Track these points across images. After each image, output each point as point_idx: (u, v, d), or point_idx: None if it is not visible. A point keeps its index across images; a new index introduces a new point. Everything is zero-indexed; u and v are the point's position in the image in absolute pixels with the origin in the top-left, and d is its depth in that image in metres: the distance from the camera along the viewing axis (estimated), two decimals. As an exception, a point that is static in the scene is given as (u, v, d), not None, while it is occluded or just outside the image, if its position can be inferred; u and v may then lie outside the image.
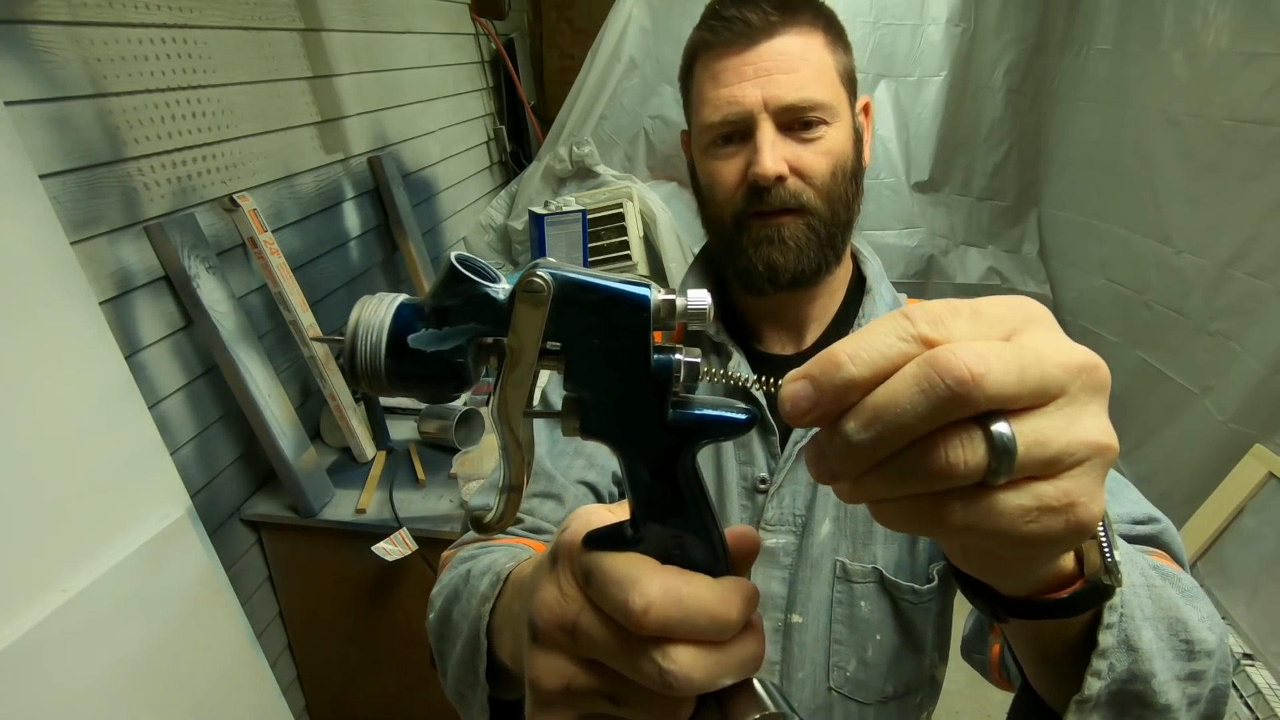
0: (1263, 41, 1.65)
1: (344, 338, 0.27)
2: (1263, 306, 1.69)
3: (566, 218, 1.91)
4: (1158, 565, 0.43)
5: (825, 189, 0.64)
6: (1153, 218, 2.04)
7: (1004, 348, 0.23)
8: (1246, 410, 1.72)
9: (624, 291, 0.26)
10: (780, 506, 0.67)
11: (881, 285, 0.73)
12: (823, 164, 0.64)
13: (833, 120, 0.64)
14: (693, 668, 0.25)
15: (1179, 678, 0.37)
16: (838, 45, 0.66)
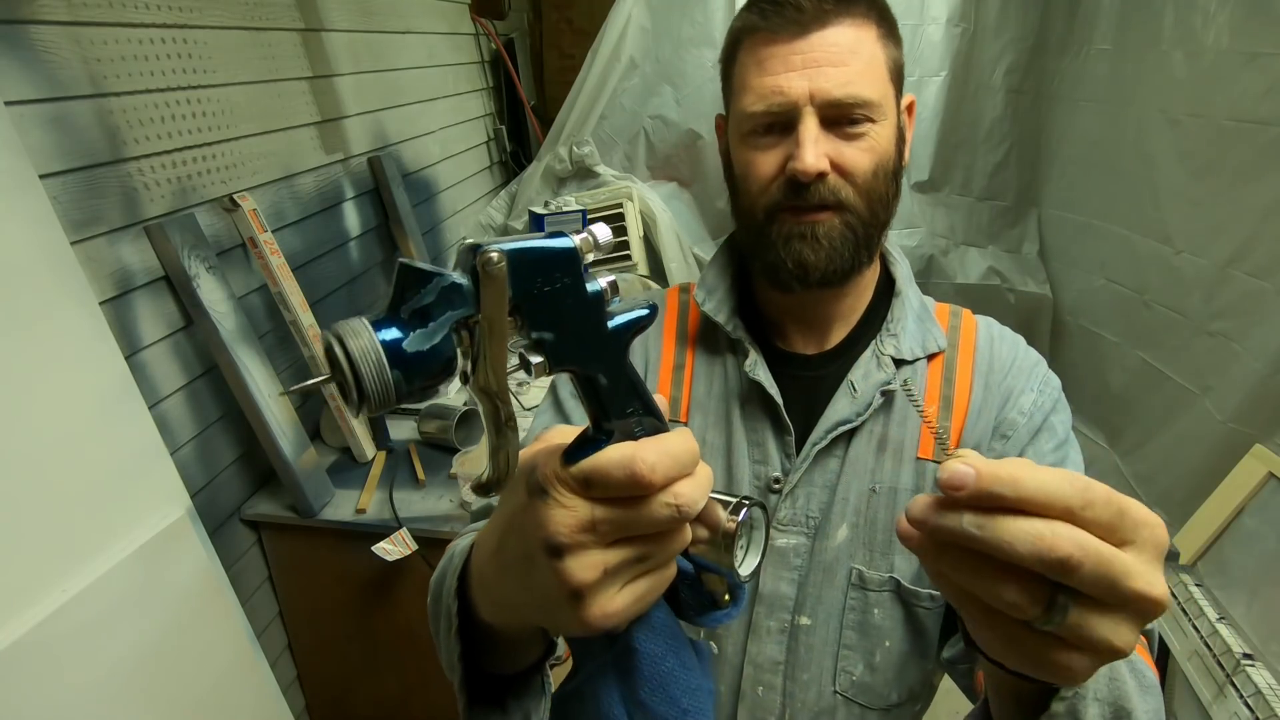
0: (1263, 41, 1.65)
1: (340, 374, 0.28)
2: (1263, 306, 1.69)
3: (566, 218, 1.91)
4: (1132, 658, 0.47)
5: (866, 187, 0.62)
6: (1153, 218, 2.04)
7: (1111, 557, 0.28)
8: (1246, 410, 1.72)
9: (554, 246, 0.31)
10: (794, 507, 0.66)
11: (910, 289, 0.71)
12: (865, 162, 0.61)
13: (879, 119, 0.61)
14: (692, 493, 0.33)
15: None
16: (890, 39, 0.62)
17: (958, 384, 0.68)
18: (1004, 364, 0.69)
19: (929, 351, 0.68)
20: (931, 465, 0.66)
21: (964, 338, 0.70)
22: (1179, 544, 1.47)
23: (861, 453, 0.66)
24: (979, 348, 0.69)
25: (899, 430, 0.67)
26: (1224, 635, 1.22)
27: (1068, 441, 0.67)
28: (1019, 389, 0.68)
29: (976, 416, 0.67)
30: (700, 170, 2.43)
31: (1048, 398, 0.68)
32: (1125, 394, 2.22)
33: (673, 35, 2.30)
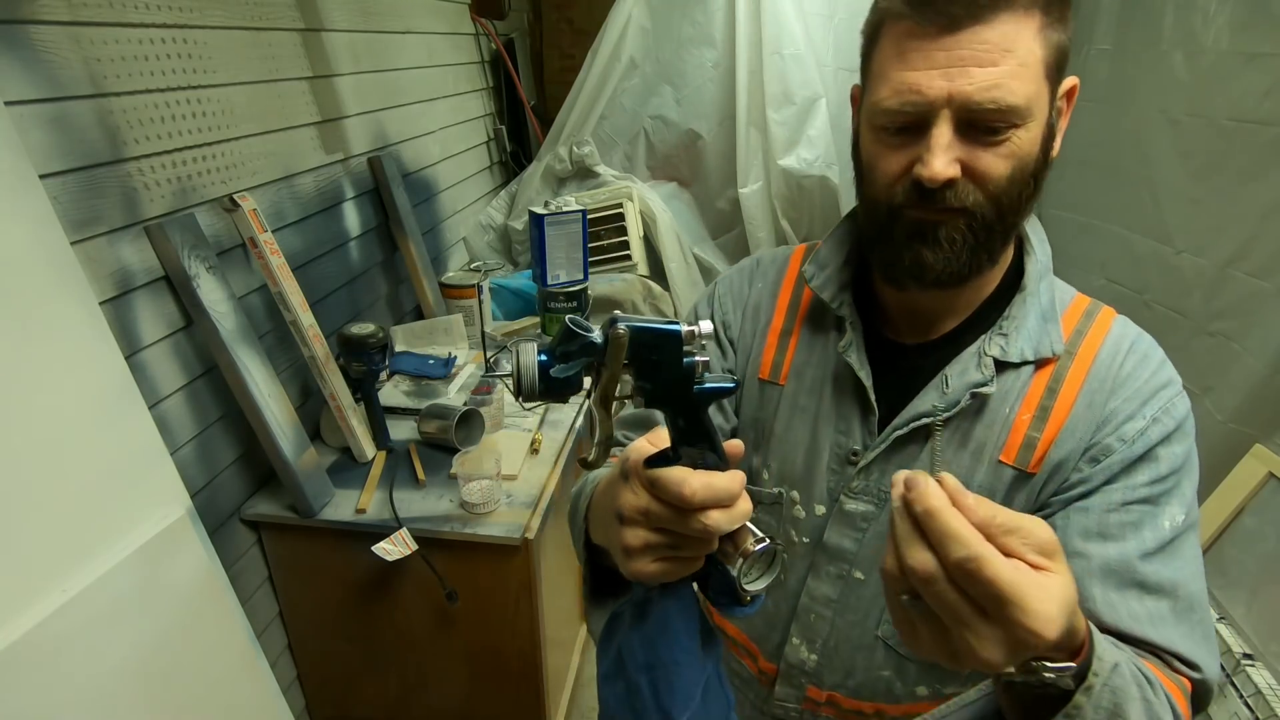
0: (1263, 41, 1.65)
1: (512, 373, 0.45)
2: (1263, 306, 1.69)
3: (566, 218, 1.91)
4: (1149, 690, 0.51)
5: (998, 192, 0.58)
6: (1153, 218, 2.04)
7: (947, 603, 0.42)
8: (1246, 410, 1.72)
9: (666, 329, 0.45)
10: (867, 479, 0.70)
11: (1041, 285, 0.67)
12: (1002, 168, 0.57)
13: (1024, 122, 0.56)
14: (719, 521, 0.44)
15: None
16: (1056, 25, 0.57)
17: (1061, 395, 0.64)
18: (1119, 381, 0.64)
19: (1040, 356, 0.65)
20: (1011, 470, 0.65)
21: (1086, 345, 0.66)
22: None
23: (943, 447, 0.67)
24: (1099, 359, 0.65)
25: (985, 431, 0.66)
26: (1224, 635, 1.22)
27: (1173, 477, 0.61)
28: (1127, 413, 0.63)
29: (1069, 433, 0.64)
30: (700, 170, 2.43)
31: (1162, 427, 0.63)
32: (1125, 394, 2.22)
33: (673, 35, 2.30)
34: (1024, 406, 0.65)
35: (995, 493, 0.66)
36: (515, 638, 1.40)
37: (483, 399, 1.57)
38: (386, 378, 1.77)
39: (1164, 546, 0.59)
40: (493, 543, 1.28)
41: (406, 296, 2.00)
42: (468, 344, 1.92)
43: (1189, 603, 0.58)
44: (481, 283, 1.96)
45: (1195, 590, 0.59)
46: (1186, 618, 0.58)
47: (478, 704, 1.51)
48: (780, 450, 0.75)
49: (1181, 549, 0.60)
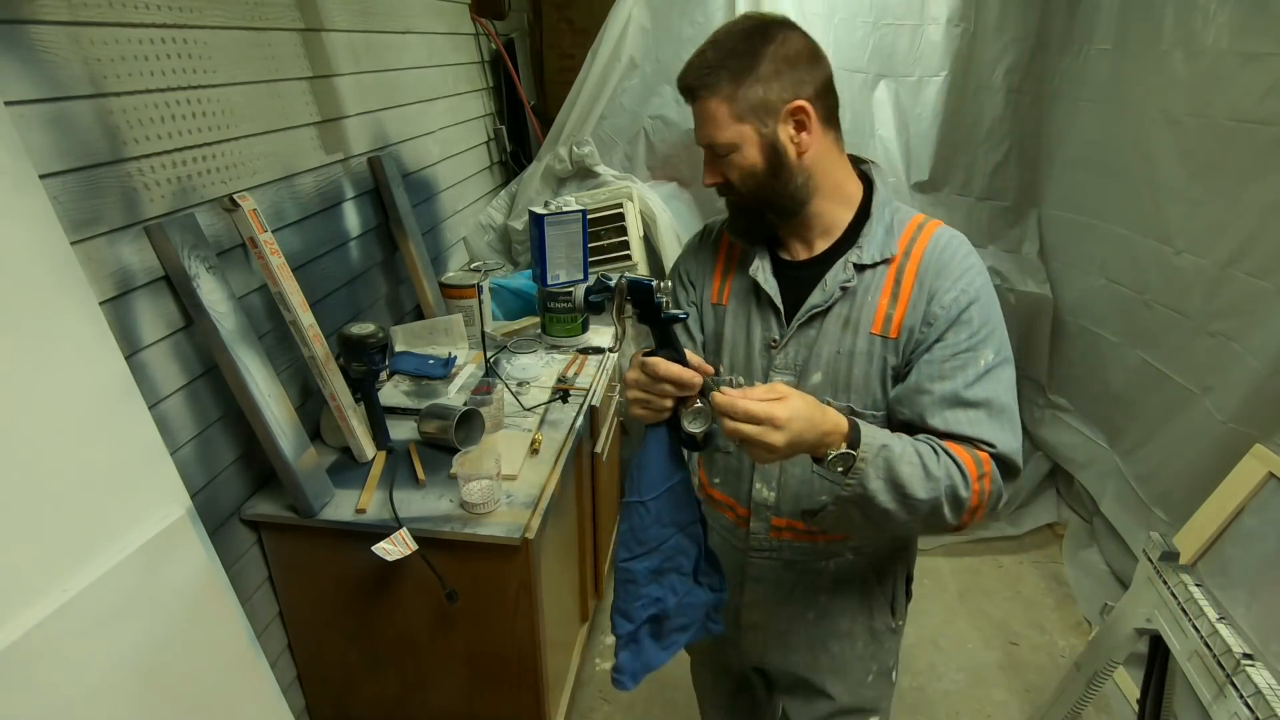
0: (1263, 41, 1.65)
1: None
2: (1263, 306, 1.69)
3: (566, 218, 1.91)
4: (927, 450, 0.85)
5: (743, 188, 0.94)
6: (1153, 218, 2.04)
7: (742, 431, 0.80)
8: (1246, 410, 1.72)
9: (644, 282, 0.85)
10: (785, 358, 0.98)
11: (884, 212, 0.95)
12: (734, 174, 0.94)
13: (735, 149, 0.92)
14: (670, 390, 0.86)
15: (891, 504, 0.83)
16: (738, 96, 0.88)
17: (904, 282, 0.92)
18: (938, 269, 0.91)
19: (885, 257, 0.93)
20: (878, 338, 0.93)
21: (916, 247, 0.93)
22: (1179, 544, 1.47)
23: (831, 327, 0.95)
24: (925, 255, 0.92)
25: (856, 313, 0.94)
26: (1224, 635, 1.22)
27: (983, 330, 0.89)
28: (944, 288, 0.90)
29: (913, 307, 0.91)
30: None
31: (967, 297, 0.89)
32: (1125, 394, 2.22)
33: (673, 35, 2.30)
34: (881, 293, 0.93)
35: (872, 355, 0.94)
36: (515, 638, 1.40)
37: (483, 399, 1.57)
38: (386, 378, 1.77)
39: (980, 378, 0.88)
40: (493, 543, 1.28)
41: (406, 296, 2.00)
42: (468, 344, 1.92)
43: (998, 410, 0.88)
44: (481, 283, 1.96)
45: (1005, 402, 0.89)
46: (996, 419, 0.88)
47: (477, 704, 1.51)
48: (728, 349, 1.04)
49: (995, 377, 0.89)
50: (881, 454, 0.82)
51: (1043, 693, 1.96)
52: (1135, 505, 2.13)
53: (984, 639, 2.19)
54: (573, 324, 2.01)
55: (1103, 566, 2.33)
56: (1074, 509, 2.62)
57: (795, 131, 0.89)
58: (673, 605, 0.97)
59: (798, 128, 0.89)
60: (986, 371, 0.88)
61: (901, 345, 0.92)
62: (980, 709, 1.96)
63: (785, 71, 0.87)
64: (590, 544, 1.97)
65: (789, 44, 0.88)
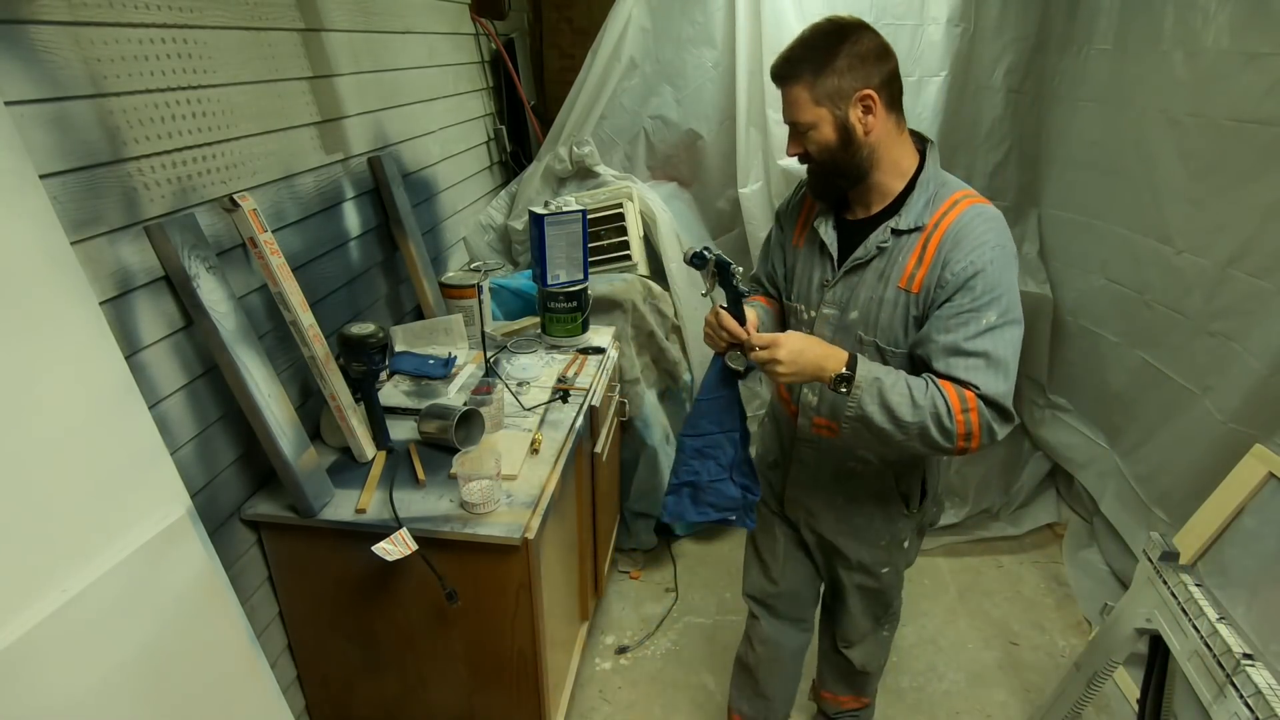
0: (1263, 41, 1.65)
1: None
2: (1263, 306, 1.69)
3: (566, 218, 1.91)
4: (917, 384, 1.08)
5: (819, 157, 1.14)
6: (1153, 218, 2.04)
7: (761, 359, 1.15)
8: (1246, 410, 1.72)
9: (725, 260, 1.16)
10: (833, 295, 1.23)
11: (929, 186, 1.13)
12: (812, 147, 1.13)
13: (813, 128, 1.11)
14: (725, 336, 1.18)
15: (886, 424, 1.08)
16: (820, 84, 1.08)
17: (929, 249, 1.11)
18: (956, 241, 1.09)
19: (919, 225, 1.12)
20: (903, 291, 1.14)
21: (945, 221, 1.11)
22: (1179, 544, 1.47)
23: (869, 277, 1.18)
24: (950, 228, 1.10)
25: (889, 268, 1.15)
26: (1224, 635, 1.22)
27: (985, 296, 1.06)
28: (955, 258, 1.08)
29: (932, 270, 1.10)
30: (700, 170, 2.43)
31: (974, 267, 1.06)
32: (1125, 394, 2.22)
33: (673, 35, 2.30)
34: (911, 255, 1.13)
35: (896, 304, 1.15)
36: (515, 638, 1.40)
37: (483, 399, 1.57)
38: (386, 378, 1.77)
39: (981, 334, 1.07)
40: (493, 543, 1.28)
41: (406, 296, 2.00)
42: (468, 344, 1.92)
43: (993, 362, 1.06)
44: (481, 283, 1.96)
45: (1000, 356, 1.07)
46: (991, 368, 1.06)
47: (477, 704, 1.51)
48: (797, 282, 1.31)
49: (998, 335, 1.07)
50: (875, 384, 1.09)
51: (1043, 693, 1.96)
52: (1135, 505, 2.13)
53: (984, 639, 2.19)
54: (573, 324, 2.01)
55: (1103, 566, 2.33)
56: (1074, 509, 2.61)
57: (863, 114, 1.09)
58: (705, 481, 1.32)
59: (865, 111, 1.09)
60: (986, 330, 1.07)
61: (921, 299, 1.12)
62: (980, 709, 1.96)
63: (857, 66, 1.07)
64: (590, 544, 1.97)
65: (862, 43, 1.08)
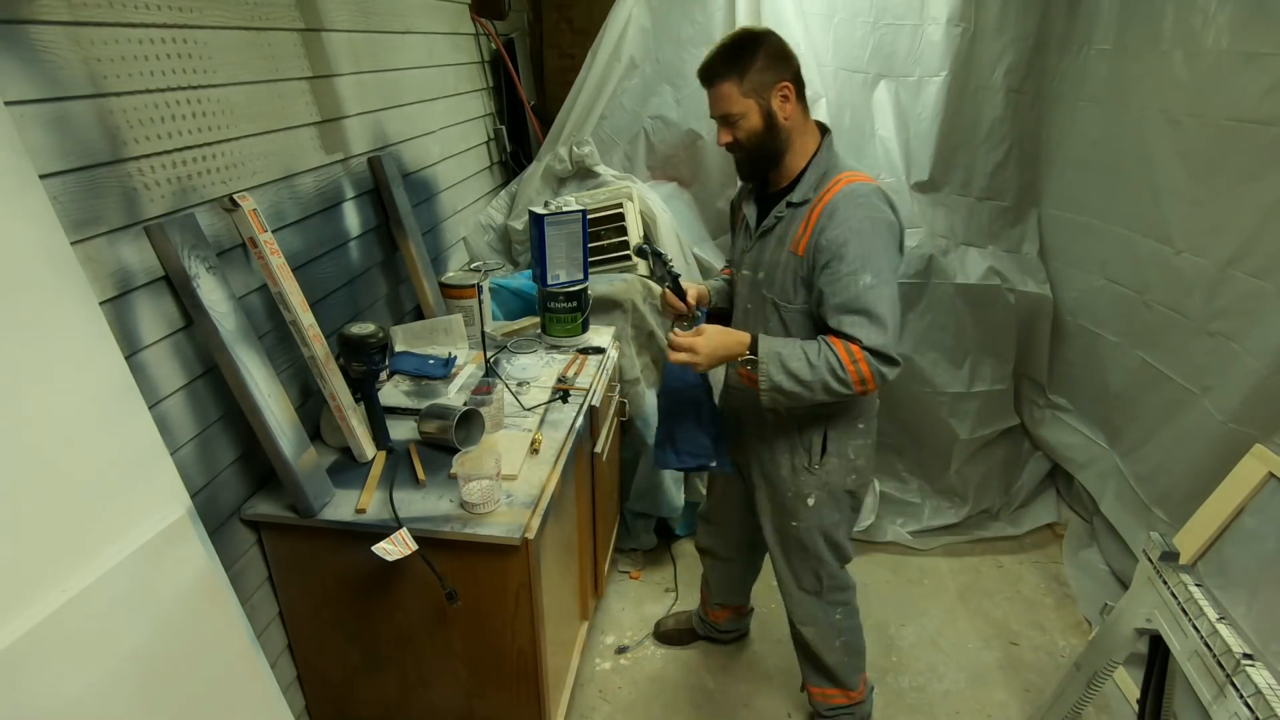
0: (1263, 41, 1.65)
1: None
2: (1263, 306, 1.69)
3: (566, 218, 1.91)
4: (812, 347, 1.29)
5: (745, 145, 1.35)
6: (1153, 218, 2.04)
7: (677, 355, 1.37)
8: (1246, 410, 1.72)
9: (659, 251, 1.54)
10: (750, 258, 1.47)
11: (820, 166, 1.35)
12: (741, 134, 1.34)
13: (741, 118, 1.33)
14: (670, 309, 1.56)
15: (794, 386, 1.30)
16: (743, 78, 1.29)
17: (812, 219, 1.32)
18: (829, 212, 1.29)
19: (805, 200, 1.35)
20: (795, 255, 1.35)
21: (826, 195, 1.31)
22: (1179, 544, 1.47)
23: (772, 242, 1.41)
24: (828, 202, 1.30)
25: (785, 234, 1.38)
26: (1224, 635, 1.22)
27: (858, 261, 1.26)
28: (828, 228, 1.28)
29: (812, 237, 1.31)
30: (700, 170, 2.43)
31: (843, 236, 1.26)
32: (1125, 394, 2.22)
33: (673, 35, 2.30)
34: (801, 224, 1.34)
35: (789, 266, 1.36)
36: (515, 638, 1.40)
37: (483, 399, 1.57)
38: (386, 378, 1.77)
39: (861, 294, 1.26)
40: (493, 543, 1.28)
41: (406, 296, 2.00)
42: (468, 344, 1.92)
43: (874, 317, 1.26)
44: (481, 283, 1.96)
45: (877, 311, 1.26)
46: (873, 323, 1.26)
47: (477, 704, 1.51)
48: (735, 251, 1.58)
49: (875, 293, 1.26)
50: (776, 357, 1.30)
51: (1043, 693, 1.96)
52: (1135, 505, 2.13)
53: (984, 639, 2.19)
54: (573, 324, 2.01)
55: (1103, 566, 2.33)
56: (1074, 509, 2.62)
57: (781, 102, 1.30)
58: (679, 434, 1.58)
59: (783, 100, 1.30)
60: (863, 290, 1.26)
61: (805, 262, 1.33)
62: (980, 709, 1.96)
63: (773, 63, 1.29)
64: (590, 544, 1.97)
65: (773, 45, 1.30)
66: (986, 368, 2.48)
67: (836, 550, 1.60)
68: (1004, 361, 2.51)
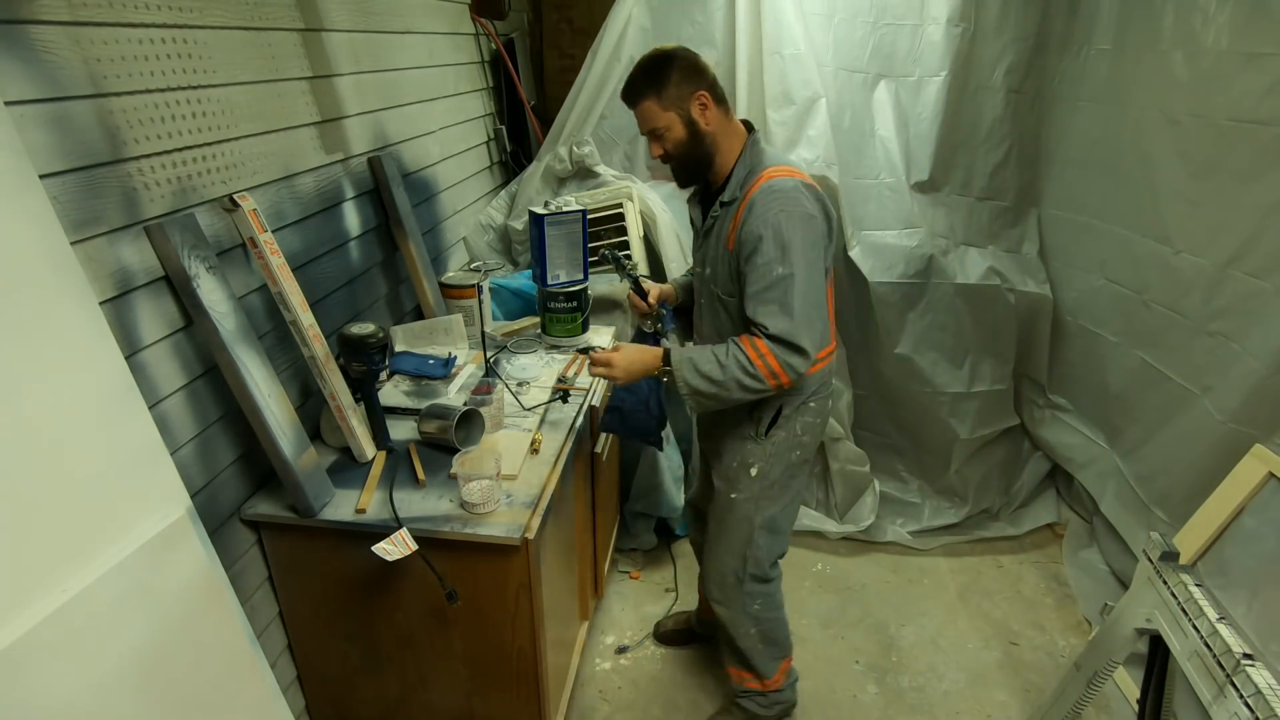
0: (1263, 41, 1.65)
1: None
2: (1263, 306, 1.70)
3: (566, 218, 1.91)
4: (721, 349, 1.36)
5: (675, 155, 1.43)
6: (1152, 218, 2.04)
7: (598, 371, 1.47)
8: (1246, 410, 1.72)
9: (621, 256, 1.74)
10: (699, 257, 1.55)
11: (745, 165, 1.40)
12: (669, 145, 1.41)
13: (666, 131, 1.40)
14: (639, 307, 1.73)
15: (710, 387, 1.36)
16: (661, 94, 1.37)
17: (737, 215, 1.37)
18: (749, 207, 1.34)
19: (732, 199, 1.40)
20: (728, 251, 1.40)
21: (749, 191, 1.36)
22: (1179, 544, 1.47)
23: (712, 239, 1.47)
24: (750, 198, 1.35)
25: (721, 230, 1.43)
26: (1224, 635, 1.22)
27: (775, 252, 1.30)
28: (749, 221, 1.33)
29: (737, 232, 1.36)
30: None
31: (760, 230, 1.31)
32: (1125, 394, 2.22)
33: (673, 35, 2.30)
34: (731, 221, 1.39)
35: (725, 259, 1.41)
36: (515, 638, 1.40)
37: (483, 399, 1.57)
38: (386, 378, 1.77)
39: (775, 284, 1.30)
40: (493, 543, 1.28)
41: (406, 296, 2.00)
42: (468, 344, 1.92)
43: (784, 305, 1.30)
44: (481, 283, 1.96)
45: (790, 301, 1.29)
46: (782, 311, 1.30)
47: (477, 704, 1.51)
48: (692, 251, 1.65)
49: (788, 283, 1.30)
50: (689, 362, 1.38)
51: (1043, 693, 1.96)
52: (1135, 505, 2.13)
53: (984, 639, 2.19)
54: (573, 324, 2.01)
55: (1103, 566, 2.33)
56: (1074, 509, 2.62)
57: (701, 110, 1.38)
58: (628, 407, 1.69)
59: (702, 108, 1.38)
60: (777, 280, 1.30)
61: (735, 254, 1.38)
62: (980, 709, 1.96)
63: (687, 77, 1.37)
64: (590, 544, 1.97)
65: (685, 60, 1.37)
66: (986, 368, 2.48)
67: (772, 535, 1.59)
68: (1004, 361, 2.51)
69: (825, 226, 1.37)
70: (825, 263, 1.38)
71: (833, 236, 1.41)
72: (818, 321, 1.33)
